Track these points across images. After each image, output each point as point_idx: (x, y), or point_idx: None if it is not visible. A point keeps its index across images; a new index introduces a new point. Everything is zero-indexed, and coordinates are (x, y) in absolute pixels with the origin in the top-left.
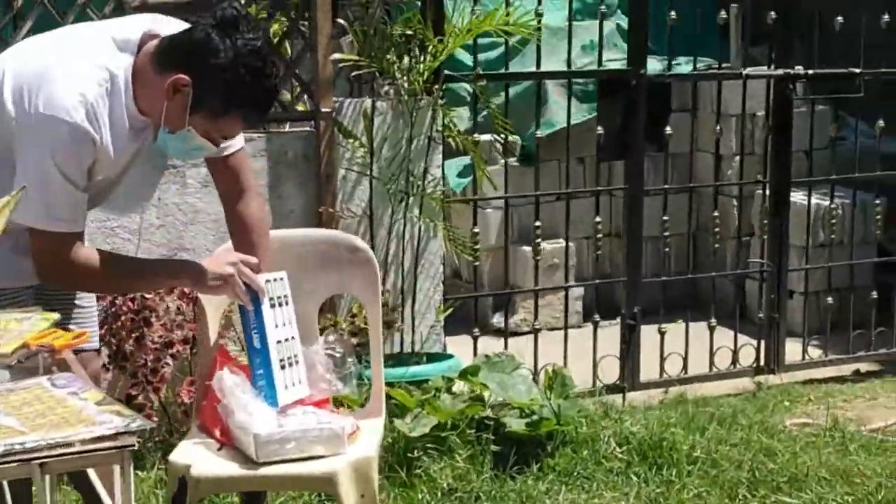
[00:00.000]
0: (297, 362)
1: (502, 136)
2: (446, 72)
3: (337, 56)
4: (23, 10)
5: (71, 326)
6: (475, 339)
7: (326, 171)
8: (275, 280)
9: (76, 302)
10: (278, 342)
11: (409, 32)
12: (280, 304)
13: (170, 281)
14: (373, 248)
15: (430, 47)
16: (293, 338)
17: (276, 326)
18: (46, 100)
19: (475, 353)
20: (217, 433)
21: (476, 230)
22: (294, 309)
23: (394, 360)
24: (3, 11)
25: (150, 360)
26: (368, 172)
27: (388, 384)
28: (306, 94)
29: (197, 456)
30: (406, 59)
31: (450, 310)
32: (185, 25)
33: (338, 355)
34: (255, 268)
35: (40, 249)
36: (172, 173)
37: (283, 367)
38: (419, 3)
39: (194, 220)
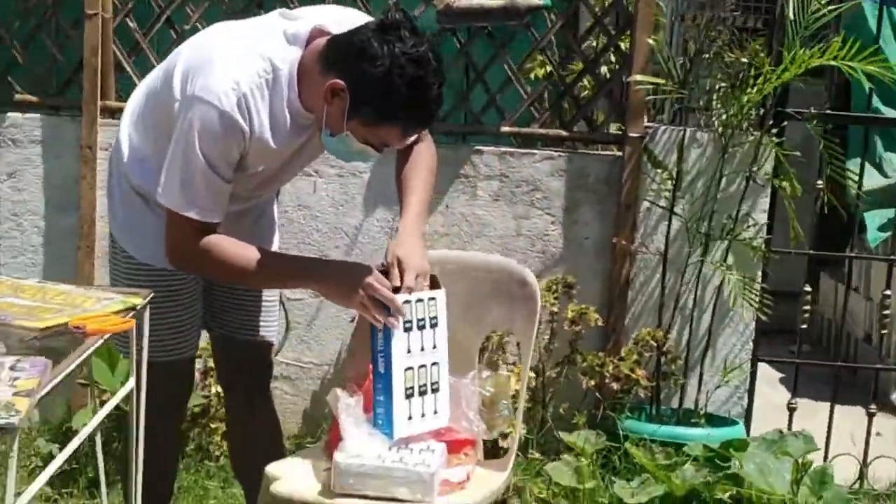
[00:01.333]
0: (436, 391)
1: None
2: (790, 109)
3: (638, 77)
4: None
5: (261, 322)
6: (791, 410)
7: (626, 201)
8: (419, 300)
9: (263, 293)
10: (409, 369)
11: (744, 59)
12: (425, 327)
13: (302, 283)
14: (663, 289)
15: (762, 78)
16: (436, 364)
17: (410, 351)
18: (202, 84)
19: (790, 427)
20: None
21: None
22: (447, 334)
23: (674, 416)
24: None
25: None
26: (669, 207)
27: (640, 441)
28: (618, 116)
29: (293, 472)
30: (730, 89)
31: (734, 370)
32: (367, 20)
33: (488, 393)
34: (391, 285)
35: (171, 232)
36: (463, 182)
37: (409, 396)
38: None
39: (480, 232)
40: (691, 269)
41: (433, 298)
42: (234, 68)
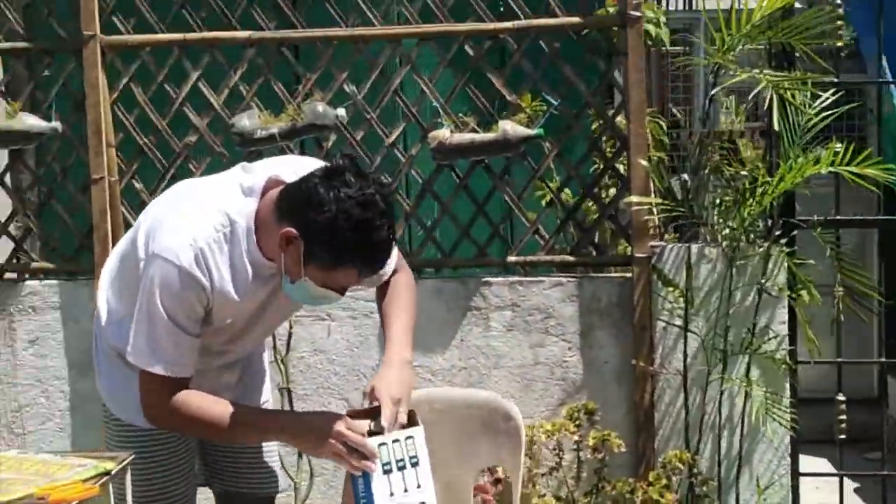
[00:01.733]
0: None
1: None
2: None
3: (633, 199)
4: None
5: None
6: None
7: (641, 322)
8: (395, 440)
9: (262, 446)
10: None
11: (743, 172)
12: (405, 467)
13: (274, 437)
14: (686, 409)
15: (760, 189)
16: None
17: (393, 494)
18: (161, 243)
19: None
20: None
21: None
22: (430, 471)
23: None
24: None
25: None
26: (683, 325)
27: None
28: (625, 238)
29: None
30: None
31: (769, 488)
32: (318, 165)
33: None
34: (363, 430)
35: (142, 390)
36: (476, 315)
37: None
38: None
39: (497, 364)
40: (715, 386)
41: (411, 437)
42: (191, 225)
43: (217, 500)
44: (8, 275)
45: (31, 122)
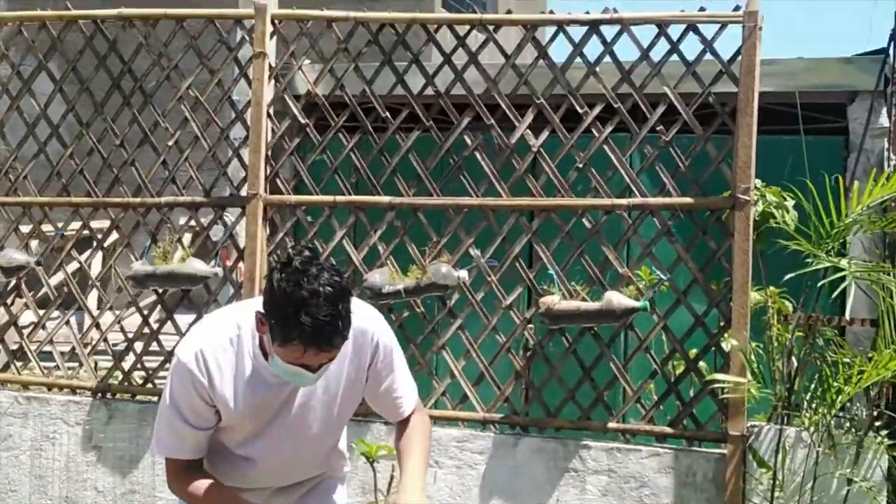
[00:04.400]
0: None
1: None
2: None
3: (723, 377)
4: None
5: None
6: None
7: (731, 501)
8: None
9: None
10: None
11: (846, 359)
12: None
13: None
14: None
15: (855, 373)
16: None
17: None
18: (179, 347)
19: None
20: None
21: None
22: None
23: None
24: None
25: None
26: None
27: None
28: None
29: None
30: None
31: None
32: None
33: None
34: None
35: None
36: (573, 476)
37: None
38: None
39: None
40: None
41: None
42: (202, 330)
43: None
44: None
45: (197, 266)
